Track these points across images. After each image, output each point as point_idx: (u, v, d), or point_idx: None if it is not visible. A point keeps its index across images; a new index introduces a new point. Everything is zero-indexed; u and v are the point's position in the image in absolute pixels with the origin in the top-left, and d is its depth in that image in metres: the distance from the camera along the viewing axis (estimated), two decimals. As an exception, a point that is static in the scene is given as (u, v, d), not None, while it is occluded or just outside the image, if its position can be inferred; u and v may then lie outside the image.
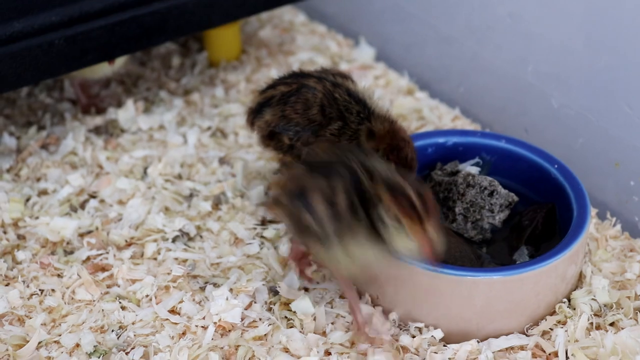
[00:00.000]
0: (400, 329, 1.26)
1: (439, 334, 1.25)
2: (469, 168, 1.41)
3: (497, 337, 1.25)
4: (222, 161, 1.54)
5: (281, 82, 1.37)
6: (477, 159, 1.42)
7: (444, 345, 1.24)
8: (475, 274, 1.21)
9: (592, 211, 1.42)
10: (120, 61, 1.58)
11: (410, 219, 1.10)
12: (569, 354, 1.22)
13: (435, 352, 1.23)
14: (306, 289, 1.31)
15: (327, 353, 1.23)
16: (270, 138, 1.37)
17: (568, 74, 1.45)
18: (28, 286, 1.32)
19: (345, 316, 1.28)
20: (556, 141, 1.47)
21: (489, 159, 1.42)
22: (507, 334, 1.25)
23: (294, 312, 1.27)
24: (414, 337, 1.25)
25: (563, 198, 1.33)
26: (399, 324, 1.26)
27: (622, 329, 1.24)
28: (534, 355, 1.23)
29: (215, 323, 1.26)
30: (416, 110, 1.66)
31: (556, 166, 1.35)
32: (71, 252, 1.37)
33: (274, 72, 1.72)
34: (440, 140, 1.44)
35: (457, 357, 1.22)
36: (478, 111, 1.64)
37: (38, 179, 1.51)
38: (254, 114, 1.38)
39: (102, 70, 1.57)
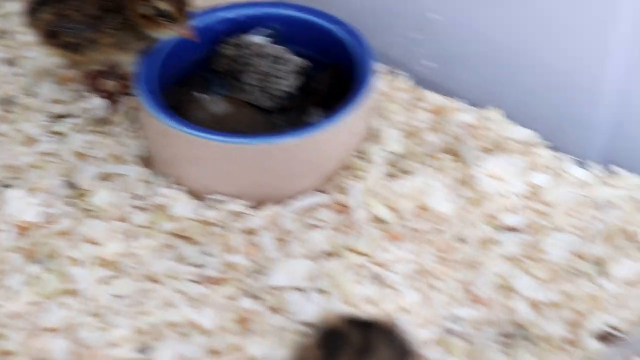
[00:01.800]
0: (202, 204, 1.27)
1: (240, 203, 1.27)
2: (257, 39, 1.41)
3: (297, 198, 1.28)
4: (9, 62, 1.50)
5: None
6: (265, 30, 1.42)
7: (247, 213, 1.26)
8: (269, 140, 1.23)
9: (381, 67, 1.46)
10: None
11: None
12: (364, 204, 1.26)
13: (238, 221, 1.25)
14: (104, 178, 1.31)
15: (131, 237, 1.24)
16: (51, 36, 1.34)
17: None
18: None
19: (146, 198, 1.28)
20: (340, 3, 1.49)
21: (278, 28, 1.43)
22: (305, 194, 1.29)
23: (94, 203, 1.27)
24: (215, 209, 1.26)
25: (351, 58, 1.35)
26: (203, 199, 1.28)
27: (414, 174, 1.29)
28: (332, 210, 1.27)
29: (13, 224, 1.24)
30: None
31: (343, 27, 1.37)
32: None
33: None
34: (230, 15, 1.44)
35: (260, 222, 1.25)
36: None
37: None
38: (31, 13, 1.35)
39: None
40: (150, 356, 1.11)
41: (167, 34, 1.31)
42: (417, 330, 1.14)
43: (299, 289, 1.18)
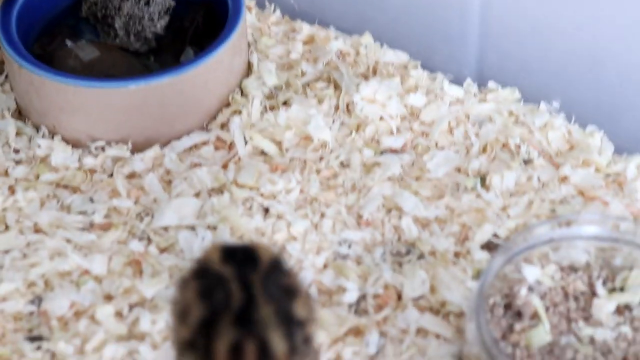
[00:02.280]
0: (83, 152, 1.25)
1: (122, 148, 1.25)
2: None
3: (179, 138, 1.27)
4: None
5: None
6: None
7: (129, 157, 1.25)
8: (141, 81, 1.22)
9: (252, 2, 1.45)
10: None
11: None
12: (247, 139, 1.26)
13: (121, 166, 1.24)
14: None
15: (11, 191, 1.21)
16: None
17: None
18: None
19: (24, 151, 1.26)
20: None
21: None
22: (188, 134, 1.28)
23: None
24: (96, 156, 1.25)
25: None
26: (83, 147, 1.26)
27: (294, 105, 1.29)
28: (216, 147, 1.27)
29: None
30: None
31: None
32: None
33: None
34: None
35: (144, 165, 1.24)
36: None
37: None
38: None
39: None
40: (43, 307, 1.10)
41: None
42: (309, 257, 1.15)
43: (188, 227, 1.18)
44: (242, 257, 0.88)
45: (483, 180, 1.23)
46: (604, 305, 1.07)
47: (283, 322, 0.84)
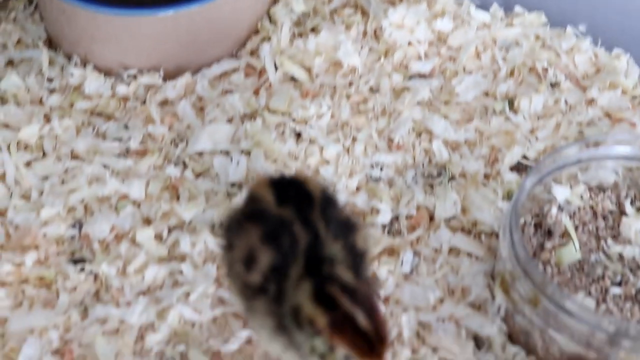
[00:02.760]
0: (115, 80, 1.27)
1: (154, 76, 1.27)
2: None
3: (209, 66, 1.29)
4: None
5: None
6: None
7: (162, 85, 1.27)
8: (173, 8, 1.23)
9: None
10: None
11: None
12: (277, 65, 1.28)
13: (154, 94, 1.26)
14: (12, 65, 1.30)
15: (47, 119, 1.23)
16: None
17: None
18: None
19: (57, 80, 1.27)
20: None
21: None
22: (218, 61, 1.29)
23: (4, 88, 1.25)
24: (129, 84, 1.26)
25: None
26: (115, 76, 1.27)
27: (322, 32, 1.31)
28: (246, 74, 1.28)
29: None
30: None
31: None
32: None
33: None
34: None
35: (176, 92, 1.26)
36: None
37: None
38: None
39: None
40: (85, 231, 1.12)
41: None
42: (341, 180, 1.17)
43: (222, 152, 1.20)
44: (295, 195, 0.90)
45: (511, 103, 1.24)
46: (632, 224, 1.09)
47: (349, 257, 0.87)
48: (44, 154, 1.20)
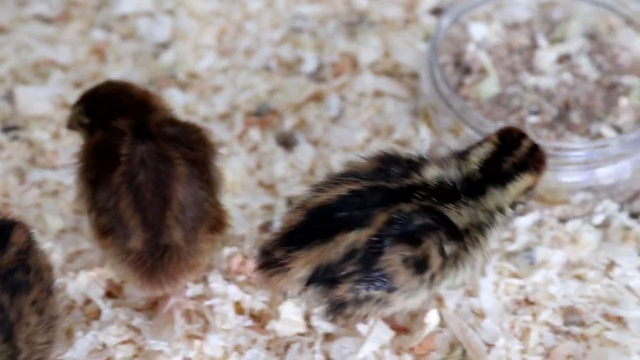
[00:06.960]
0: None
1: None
2: None
3: None
4: None
5: None
6: None
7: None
8: None
9: None
10: None
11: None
12: None
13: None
14: None
15: None
16: None
17: None
18: None
19: None
20: None
21: None
22: None
23: None
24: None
25: None
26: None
27: None
28: None
29: None
30: None
31: None
32: None
33: None
34: None
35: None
36: None
37: None
38: None
39: None
40: (15, 99, 1.13)
41: None
42: (265, 33, 1.19)
43: (146, 14, 1.21)
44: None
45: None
46: (546, 56, 1.14)
47: None
48: (-33, 27, 1.21)
